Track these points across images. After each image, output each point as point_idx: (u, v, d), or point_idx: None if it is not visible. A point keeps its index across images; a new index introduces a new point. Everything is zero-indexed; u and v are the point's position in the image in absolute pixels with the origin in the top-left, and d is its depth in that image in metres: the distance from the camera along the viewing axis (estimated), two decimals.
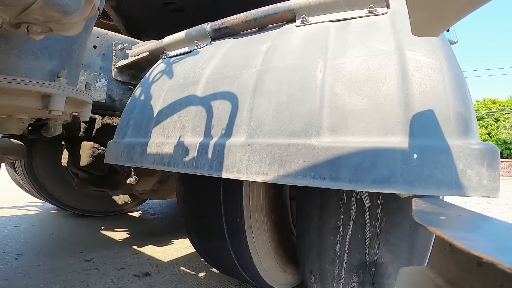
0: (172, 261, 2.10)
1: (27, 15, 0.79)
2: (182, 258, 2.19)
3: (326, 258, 1.23)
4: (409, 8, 0.50)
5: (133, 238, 2.60)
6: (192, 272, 1.93)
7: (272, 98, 0.91)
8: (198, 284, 1.77)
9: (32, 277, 1.71)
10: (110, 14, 2.25)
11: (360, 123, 0.77)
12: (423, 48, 0.81)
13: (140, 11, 2.21)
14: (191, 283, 1.78)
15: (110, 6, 2.18)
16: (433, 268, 0.38)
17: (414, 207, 0.43)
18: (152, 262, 2.05)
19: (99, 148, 1.93)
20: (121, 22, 2.32)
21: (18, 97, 1.00)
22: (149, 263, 2.03)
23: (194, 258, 2.16)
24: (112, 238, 2.58)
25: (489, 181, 0.64)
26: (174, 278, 1.81)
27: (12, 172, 3.40)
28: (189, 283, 1.77)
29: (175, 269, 1.96)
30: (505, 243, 0.31)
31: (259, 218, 1.43)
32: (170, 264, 2.05)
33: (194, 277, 1.86)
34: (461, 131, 0.69)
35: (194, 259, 2.15)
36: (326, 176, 0.74)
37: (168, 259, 2.14)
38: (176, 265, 2.03)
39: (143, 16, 2.26)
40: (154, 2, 2.09)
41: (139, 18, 2.29)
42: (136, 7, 2.18)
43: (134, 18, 2.30)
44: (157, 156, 1.11)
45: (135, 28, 2.36)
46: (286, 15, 1.16)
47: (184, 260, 2.14)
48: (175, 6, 2.11)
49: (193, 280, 1.81)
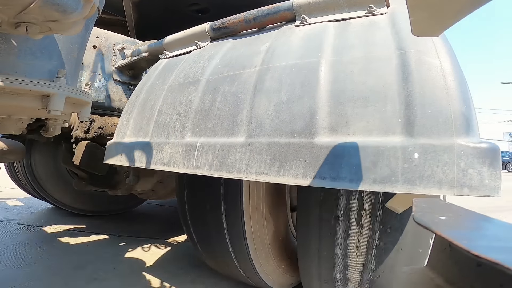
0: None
1: (26, 15, 0.79)
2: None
3: (326, 260, 1.23)
4: (409, 8, 0.50)
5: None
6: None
7: (272, 97, 0.91)
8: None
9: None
10: (127, 10, 2.16)
11: (360, 122, 0.77)
12: (423, 48, 0.81)
13: (161, 10, 2.14)
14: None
15: (132, 2, 2.10)
16: (433, 268, 0.38)
17: (414, 207, 0.42)
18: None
19: (99, 148, 1.93)
20: (134, 21, 2.23)
21: (17, 96, 1.00)
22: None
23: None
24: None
25: (490, 180, 0.64)
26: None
27: (12, 172, 3.40)
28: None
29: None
30: (505, 243, 0.31)
31: (259, 218, 1.43)
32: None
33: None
34: (462, 130, 0.69)
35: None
36: (327, 175, 0.74)
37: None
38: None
39: (164, 16, 2.19)
40: (179, 2, 2.04)
41: (158, 18, 2.23)
42: (160, 6, 2.12)
43: (151, 18, 2.23)
44: (157, 156, 1.11)
45: (149, 29, 2.28)
46: (286, 15, 1.15)
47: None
48: (199, 7, 2.06)
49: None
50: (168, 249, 2.37)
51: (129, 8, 2.13)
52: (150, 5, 2.11)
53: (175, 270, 1.95)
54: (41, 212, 3.42)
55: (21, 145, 1.56)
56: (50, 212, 3.41)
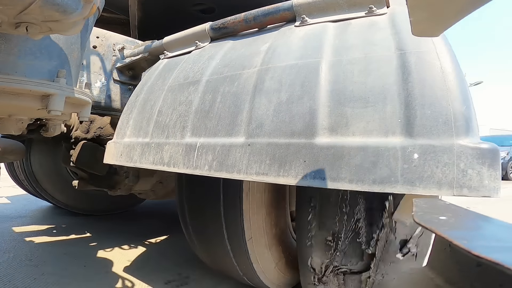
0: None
1: (26, 15, 0.79)
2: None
3: (326, 259, 1.23)
4: (409, 8, 0.50)
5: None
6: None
7: (272, 98, 0.91)
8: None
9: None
10: (131, 9, 2.13)
11: (360, 123, 0.77)
12: (423, 48, 0.81)
13: (165, 9, 2.12)
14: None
15: (138, 0, 2.08)
16: (433, 268, 0.38)
17: (414, 207, 0.42)
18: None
19: (99, 148, 1.93)
20: (138, 20, 2.22)
21: (17, 97, 1.00)
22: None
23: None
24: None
25: (490, 181, 0.64)
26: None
27: (12, 171, 3.40)
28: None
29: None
30: (504, 243, 0.31)
31: (258, 218, 1.43)
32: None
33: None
34: (462, 131, 0.69)
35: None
36: (327, 176, 0.74)
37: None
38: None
39: (168, 15, 2.18)
40: (184, 1, 2.03)
41: (162, 17, 2.21)
42: (164, 5, 2.11)
43: (155, 17, 2.22)
44: (156, 156, 1.10)
45: (151, 28, 2.26)
46: (286, 15, 1.15)
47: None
48: (204, 6, 2.05)
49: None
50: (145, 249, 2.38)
51: (134, 7, 2.12)
52: (155, 4, 2.11)
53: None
54: (38, 210, 3.42)
55: (21, 145, 1.56)
56: (49, 212, 3.41)
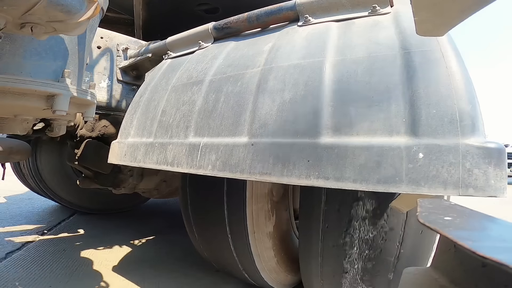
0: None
1: (31, 15, 0.79)
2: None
3: (329, 260, 1.23)
4: (413, 8, 0.49)
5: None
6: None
7: (276, 97, 0.91)
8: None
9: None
10: (136, 8, 2.14)
11: (364, 122, 0.76)
12: (428, 48, 0.81)
13: (170, 9, 2.12)
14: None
15: (143, 0, 2.09)
16: (437, 268, 0.38)
17: (419, 208, 0.42)
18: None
19: (103, 146, 1.94)
20: (142, 20, 2.21)
21: (22, 97, 1.00)
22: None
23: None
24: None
25: (496, 181, 0.63)
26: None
27: (18, 171, 3.44)
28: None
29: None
30: (510, 243, 0.31)
31: (261, 217, 1.43)
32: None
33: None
34: (468, 130, 0.68)
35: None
36: (330, 175, 0.74)
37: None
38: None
39: (172, 15, 2.19)
40: (189, 1, 2.03)
41: (166, 17, 2.21)
42: (169, 5, 2.11)
43: (159, 17, 2.21)
44: (160, 156, 1.11)
45: (156, 28, 2.26)
46: (289, 15, 1.15)
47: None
48: (208, 6, 2.04)
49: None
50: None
51: (139, 7, 2.12)
52: (159, 4, 2.11)
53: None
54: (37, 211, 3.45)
55: (26, 145, 1.58)
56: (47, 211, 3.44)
